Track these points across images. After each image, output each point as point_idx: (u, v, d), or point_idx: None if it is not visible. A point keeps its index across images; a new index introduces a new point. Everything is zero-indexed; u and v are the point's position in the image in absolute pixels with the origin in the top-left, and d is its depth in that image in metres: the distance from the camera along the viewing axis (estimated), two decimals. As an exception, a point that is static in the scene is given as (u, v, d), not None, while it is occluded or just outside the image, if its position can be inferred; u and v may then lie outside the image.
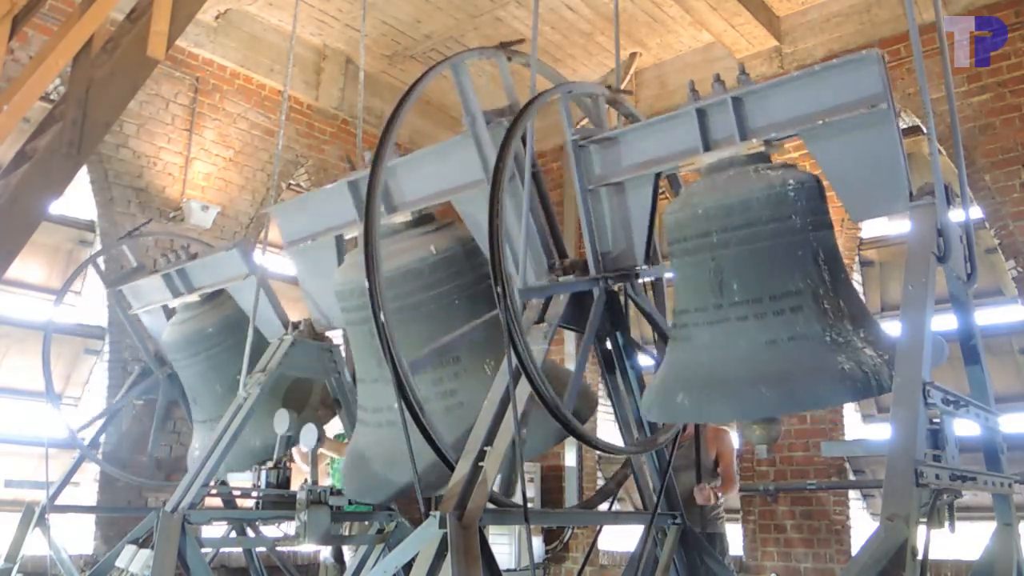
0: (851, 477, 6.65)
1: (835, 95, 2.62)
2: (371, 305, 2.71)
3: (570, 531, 7.83)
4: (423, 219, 3.55)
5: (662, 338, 3.38)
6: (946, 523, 2.19)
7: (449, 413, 3.13)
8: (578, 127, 3.31)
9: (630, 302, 3.33)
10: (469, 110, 3.23)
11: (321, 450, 5.56)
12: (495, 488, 2.72)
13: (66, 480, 5.29)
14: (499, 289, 2.49)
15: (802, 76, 2.70)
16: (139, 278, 5.43)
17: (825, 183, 2.81)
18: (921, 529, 2.01)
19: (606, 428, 7.42)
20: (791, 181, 2.72)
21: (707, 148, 2.91)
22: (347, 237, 4.00)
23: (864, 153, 2.61)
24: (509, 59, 3.60)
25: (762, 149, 2.86)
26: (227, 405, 4.28)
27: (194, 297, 5.03)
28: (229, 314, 4.93)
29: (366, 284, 2.73)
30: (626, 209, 3.17)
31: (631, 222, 3.16)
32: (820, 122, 2.64)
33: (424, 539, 2.40)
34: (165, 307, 5.33)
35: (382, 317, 2.70)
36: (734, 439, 5.54)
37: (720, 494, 5.10)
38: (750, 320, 2.67)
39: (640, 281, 3.32)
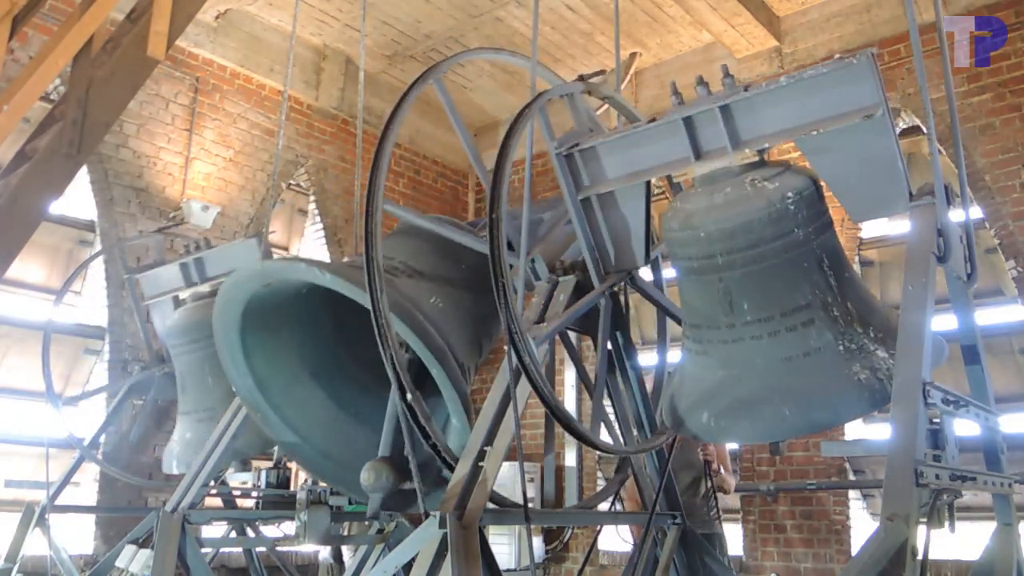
0: (851, 477, 6.65)
1: (829, 104, 2.55)
2: (373, 315, 2.70)
3: (570, 531, 7.83)
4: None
5: (676, 322, 3.33)
6: (946, 523, 2.19)
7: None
8: (567, 134, 3.22)
9: (630, 301, 3.32)
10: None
11: None
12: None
13: (66, 480, 5.29)
14: (499, 289, 2.48)
15: (793, 83, 2.59)
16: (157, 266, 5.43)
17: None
18: (921, 529, 2.01)
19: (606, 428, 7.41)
20: (790, 194, 2.65)
21: (698, 157, 2.83)
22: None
23: (861, 157, 2.58)
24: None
25: (756, 158, 2.79)
26: (213, 399, 4.23)
27: (205, 287, 4.98)
28: None
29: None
30: (620, 214, 3.11)
31: (627, 226, 3.10)
32: (814, 132, 2.58)
33: (424, 539, 2.40)
34: (175, 299, 5.29)
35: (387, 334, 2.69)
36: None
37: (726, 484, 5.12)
38: (764, 339, 2.69)
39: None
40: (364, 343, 2.95)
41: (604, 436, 3.18)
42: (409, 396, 2.71)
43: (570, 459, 7.94)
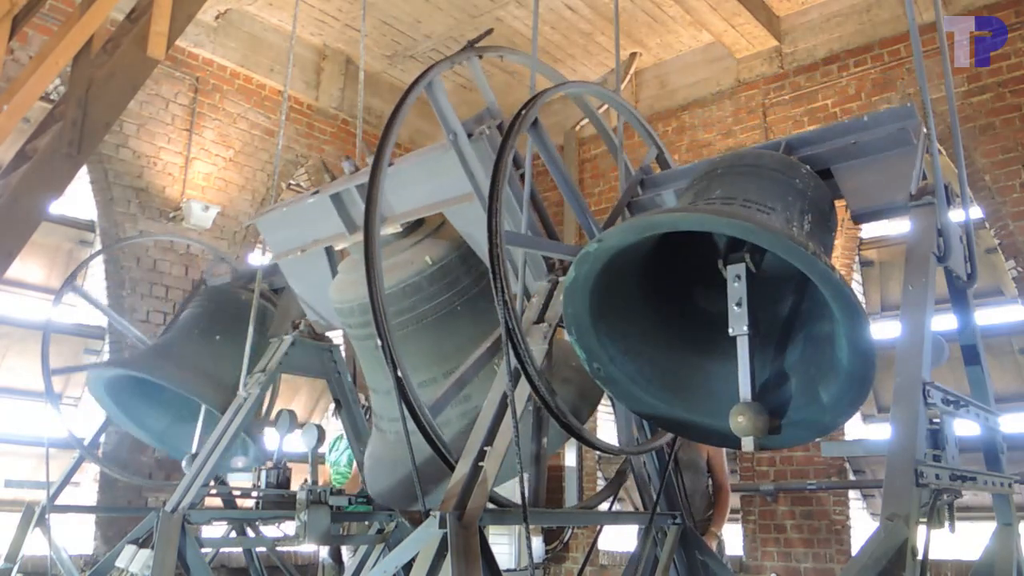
0: (851, 477, 6.65)
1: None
2: (375, 321, 2.69)
3: (570, 531, 7.83)
4: (413, 226, 3.49)
5: None
6: (946, 523, 2.19)
7: (464, 417, 3.13)
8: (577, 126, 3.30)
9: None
10: (449, 127, 3.18)
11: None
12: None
13: (66, 480, 5.28)
14: (498, 290, 2.48)
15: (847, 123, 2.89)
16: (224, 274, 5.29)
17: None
18: (921, 529, 2.01)
19: (606, 428, 7.42)
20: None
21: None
22: (337, 248, 3.95)
23: (884, 169, 2.67)
24: (480, 57, 3.51)
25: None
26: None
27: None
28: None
29: (366, 301, 2.70)
30: None
31: None
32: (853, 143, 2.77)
33: (424, 539, 2.40)
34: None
35: (388, 339, 2.69)
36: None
37: (715, 531, 5.02)
38: (717, 204, 2.70)
39: None
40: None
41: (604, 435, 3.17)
42: (409, 396, 2.71)
43: (570, 459, 7.96)
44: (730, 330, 2.37)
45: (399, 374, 2.64)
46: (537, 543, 7.55)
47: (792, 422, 2.43)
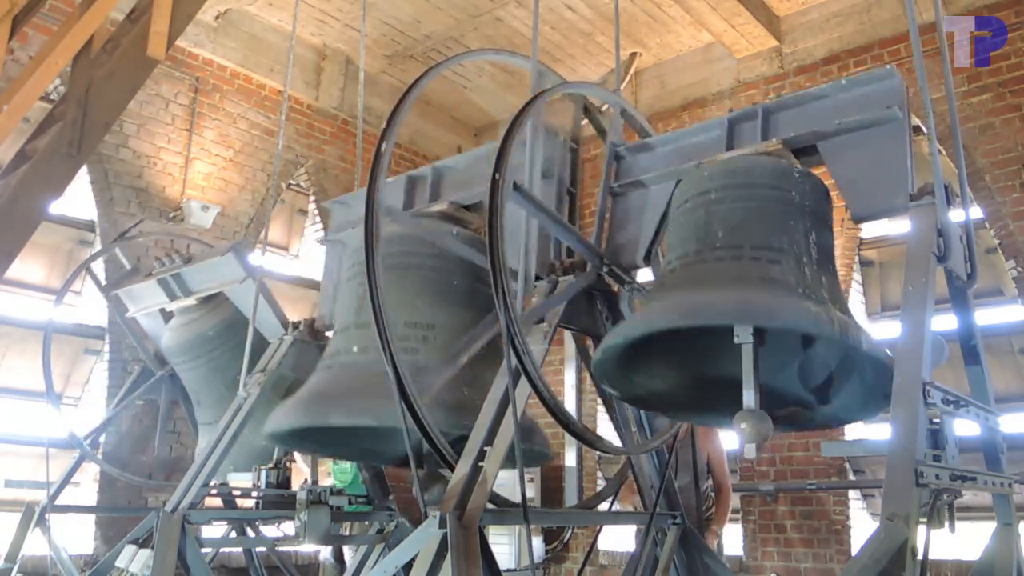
0: (851, 477, 6.64)
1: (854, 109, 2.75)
2: (375, 322, 2.69)
3: (570, 531, 7.83)
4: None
5: None
6: (946, 523, 2.19)
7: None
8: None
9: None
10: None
11: None
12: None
13: (66, 480, 5.28)
14: (499, 290, 2.48)
15: (822, 90, 2.89)
16: (134, 282, 5.41)
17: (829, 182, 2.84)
18: (921, 529, 2.01)
19: (606, 428, 7.42)
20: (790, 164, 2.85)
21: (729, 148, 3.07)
22: None
23: (874, 160, 2.65)
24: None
25: (779, 147, 2.93)
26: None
27: (191, 300, 5.02)
28: (228, 316, 4.95)
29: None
30: (639, 212, 3.26)
31: (640, 225, 3.25)
32: (837, 123, 2.77)
33: (424, 539, 2.39)
34: (163, 309, 5.32)
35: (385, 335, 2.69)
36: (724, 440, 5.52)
37: (716, 529, 5.03)
38: (727, 262, 2.70)
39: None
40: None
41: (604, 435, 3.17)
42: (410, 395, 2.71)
43: (570, 459, 7.96)
44: (735, 338, 2.39)
45: (399, 374, 2.65)
46: (537, 543, 7.55)
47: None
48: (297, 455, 5.19)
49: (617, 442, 3.38)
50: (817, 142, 2.82)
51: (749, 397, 2.34)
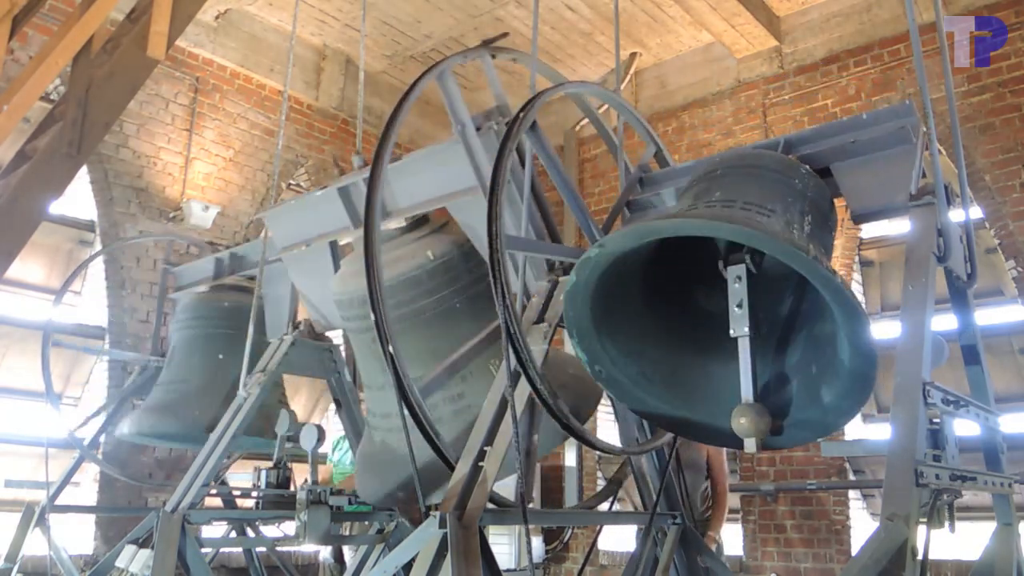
0: (851, 477, 6.65)
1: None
2: (373, 314, 2.70)
3: (570, 531, 7.83)
4: (417, 223, 3.50)
5: None
6: (946, 523, 2.19)
7: (457, 416, 3.13)
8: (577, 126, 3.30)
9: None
10: (458, 118, 3.19)
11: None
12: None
13: (66, 480, 5.29)
14: (498, 290, 2.48)
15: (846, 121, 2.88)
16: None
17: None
18: (921, 529, 2.01)
19: (606, 428, 7.42)
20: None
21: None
22: (341, 243, 3.98)
23: (882, 168, 2.67)
24: (493, 57, 3.53)
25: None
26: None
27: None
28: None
29: (366, 294, 2.71)
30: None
31: None
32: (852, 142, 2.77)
33: (424, 539, 2.39)
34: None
35: (384, 325, 2.69)
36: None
37: (713, 532, 5.03)
38: (717, 207, 2.66)
39: None
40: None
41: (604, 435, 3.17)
42: (409, 395, 2.71)
43: (570, 459, 7.96)
44: (731, 331, 2.37)
45: (397, 370, 2.64)
46: (537, 543, 7.55)
47: (795, 422, 2.43)
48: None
49: (617, 442, 3.38)
50: (831, 164, 2.83)
51: (747, 390, 2.31)
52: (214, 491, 4.66)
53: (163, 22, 3.83)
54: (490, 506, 2.60)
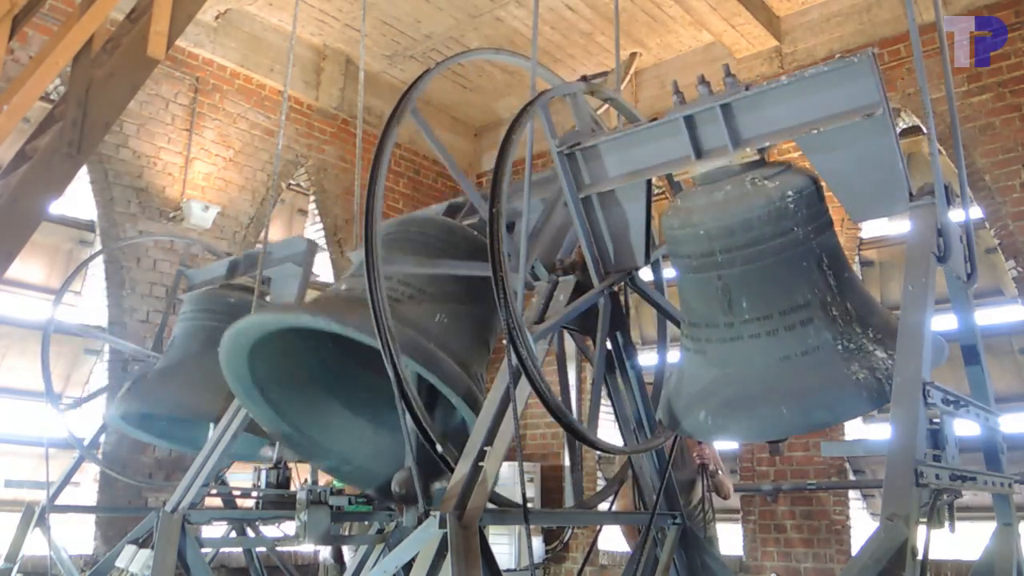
0: (851, 477, 6.64)
1: (829, 103, 2.52)
2: (375, 320, 2.70)
3: (570, 531, 7.83)
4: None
5: (675, 324, 3.31)
6: (946, 523, 2.19)
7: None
8: (568, 133, 3.23)
9: (631, 301, 3.32)
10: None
11: None
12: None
13: (66, 480, 5.29)
14: (499, 289, 2.48)
15: (794, 82, 2.58)
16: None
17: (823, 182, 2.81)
18: (921, 529, 2.01)
19: (606, 428, 7.41)
20: (789, 192, 2.64)
21: (699, 156, 2.80)
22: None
23: (861, 156, 2.57)
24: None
25: (756, 157, 2.79)
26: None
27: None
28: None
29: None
30: (621, 213, 3.10)
31: (627, 225, 3.10)
32: (815, 131, 2.56)
33: (424, 539, 2.40)
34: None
35: (386, 325, 2.69)
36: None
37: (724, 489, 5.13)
38: (762, 338, 2.68)
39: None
40: (366, 349, 2.95)
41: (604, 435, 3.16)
42: (410, 398, 2.71)
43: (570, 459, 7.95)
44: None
45: (398, 370, 2.65)
46: (537, 543, 7.55)
47: None
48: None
49: (618, 442, 3.38)
50: (796, 141, 2.66)
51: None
52: (214, 491, 4.65)
53: (163, 22, 3.83)
54: (490, 506, 2.60)
